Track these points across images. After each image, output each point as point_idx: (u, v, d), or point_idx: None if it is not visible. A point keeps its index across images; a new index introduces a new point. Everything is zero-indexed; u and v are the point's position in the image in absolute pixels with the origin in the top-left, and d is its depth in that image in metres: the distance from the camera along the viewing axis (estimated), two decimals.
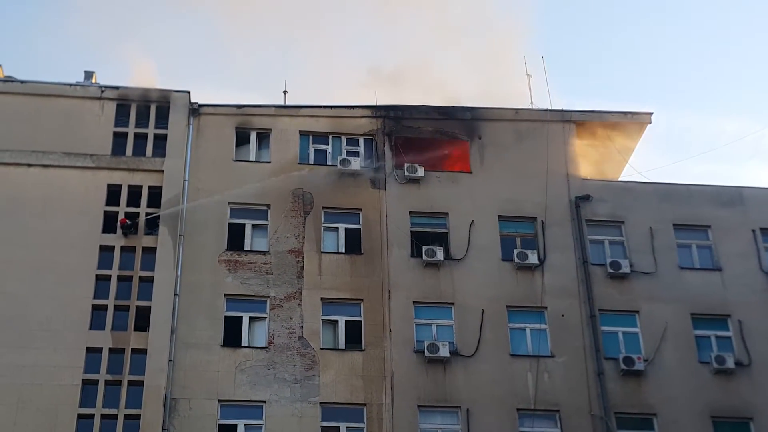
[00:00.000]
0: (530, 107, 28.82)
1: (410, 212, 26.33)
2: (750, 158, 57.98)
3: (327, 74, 53.53)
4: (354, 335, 24.47)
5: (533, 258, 25.68)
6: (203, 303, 24.22)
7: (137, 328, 23.82)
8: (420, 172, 26.62)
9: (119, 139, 26.45)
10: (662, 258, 26.33)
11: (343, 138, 27.48)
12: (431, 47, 52.18)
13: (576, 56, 63.44)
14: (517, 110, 28.43)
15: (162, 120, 26.76)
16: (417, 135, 27.59)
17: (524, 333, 24.98)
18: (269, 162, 26.70)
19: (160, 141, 26.50)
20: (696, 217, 27.21)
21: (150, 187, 25.78)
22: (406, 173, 26.59)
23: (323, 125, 27.49)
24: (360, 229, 25.96)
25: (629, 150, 29.45)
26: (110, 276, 24.43)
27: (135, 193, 25.71)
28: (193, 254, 24.79)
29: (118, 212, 25.28)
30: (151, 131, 26.65)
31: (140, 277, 24.55)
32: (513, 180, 27.04)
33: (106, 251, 24.73)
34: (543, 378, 24.26)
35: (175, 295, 24.14)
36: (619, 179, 29.36)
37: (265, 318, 24.33)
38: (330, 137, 27.43)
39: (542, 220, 26.50)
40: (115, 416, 22.72)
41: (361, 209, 26.21)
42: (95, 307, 23.96)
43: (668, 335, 25.14)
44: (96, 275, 24.37)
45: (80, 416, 22.59)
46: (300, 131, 27.26)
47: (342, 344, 24.31)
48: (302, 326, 24.25)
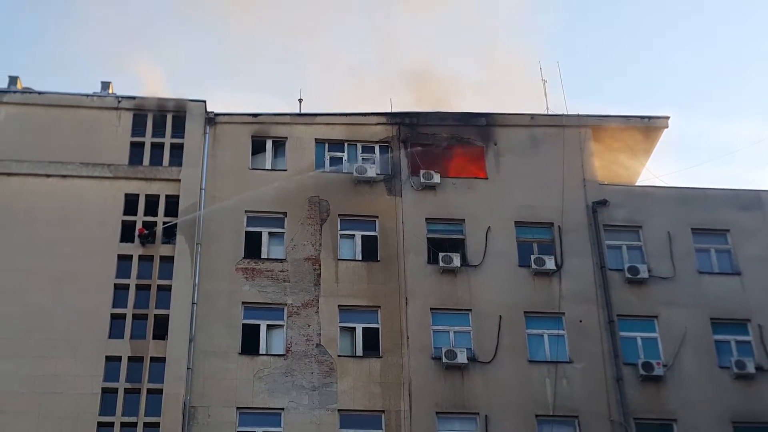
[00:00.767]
0: (546, 113, 28.80)
1: (426, 219, 26.31)
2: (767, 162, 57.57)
3: (340, 79, 53.62)
4: (371, 342, 24.46)
5: (550, 264, 25.61)
6: (221, 311, 24.29)
7: (156, 337, 23.91)
8: (436, 179, 26.61)
9: (136, 149, 26.62)
10: (681, 262, 26.18)
11: (359, 145, 27.51)
12: (446, 52, 52.22)
13: (591, 60, 63.31)
14: (533, 116, 28.35)
15: (178, 129, 26.90)
16: (432, 141, 27.55)
17: (542, 339, 24.88)
18: (285, 170, 26.75)
19: (177, 150, 26.64)
20: (714, 221, 27.05)
21: (167, 196, 25.90)
22: (422, 180, 26.58)
23: (339, 133, 27.53)
24: (376, 236, 25.95)
25: (646, 154, 29.35)
26: (128, 285, 24.55)
27: (152, 203, 25.85)
28: (211, 262, 24.87)
29: (136, 221, 25.42)
30: (168, 140, 26.80)
31: (158, 286, 24.65)
32: (529, 185, 26.96)
33: (124, 260, 24.87)
34: (561, 384, 24.16)
35: (193, 304, 24.22)
36: (636, 184, 29.26)
37: (283, 326, 24.35)
38: (346, 144, 27.46)
39: (559, 226, 26.41)
40: (135, 424, 22.81)
41: (378, 216, 26.22)
42: (114, 316, 24.08)
43: (687, 340, 24.98)
44: (114, 284, 24.51)
45: (100, 424, 22.69)
46: (316, 139, 27.31)
47: (359, 351, 24.30)
48: (320, 333, 24.26)
